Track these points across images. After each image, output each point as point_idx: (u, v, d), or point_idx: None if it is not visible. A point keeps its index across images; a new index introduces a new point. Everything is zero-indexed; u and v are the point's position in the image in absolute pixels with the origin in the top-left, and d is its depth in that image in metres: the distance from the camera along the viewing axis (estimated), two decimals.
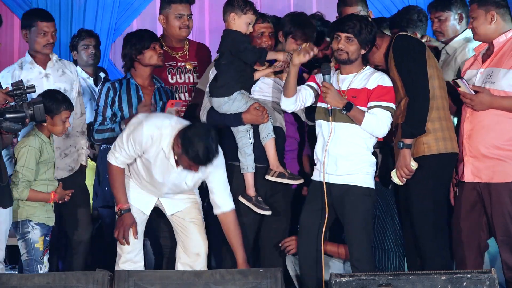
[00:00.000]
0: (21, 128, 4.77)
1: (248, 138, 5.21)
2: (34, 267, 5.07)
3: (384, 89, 5.02)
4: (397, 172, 5.08)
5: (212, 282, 4.56)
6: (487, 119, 5.05)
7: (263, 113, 5.16)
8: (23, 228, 5.11)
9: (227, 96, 5.19)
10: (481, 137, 5.06)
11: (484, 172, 5.07)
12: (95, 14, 7.60)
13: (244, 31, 5.22)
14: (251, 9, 5.23)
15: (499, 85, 5.03)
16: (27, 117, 4.71)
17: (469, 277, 4.44)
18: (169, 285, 4.56)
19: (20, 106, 4.72)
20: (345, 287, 4.43)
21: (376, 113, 4.98)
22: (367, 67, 5.13)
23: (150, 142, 4.91)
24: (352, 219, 5.01)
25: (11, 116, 4.69)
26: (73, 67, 5.80)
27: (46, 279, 4.57)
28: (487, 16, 5.08)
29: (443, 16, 5.69)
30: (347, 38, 5.00)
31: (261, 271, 4.62)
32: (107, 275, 4.56)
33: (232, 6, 5.24)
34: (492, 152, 5.04)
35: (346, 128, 5.02)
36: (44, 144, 5.13)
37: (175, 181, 5.06)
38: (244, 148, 5.21)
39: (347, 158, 5.02)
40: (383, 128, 5.01)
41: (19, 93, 4.71)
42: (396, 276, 4.46)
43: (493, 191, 5.04)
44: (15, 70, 5.60)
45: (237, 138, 5.24)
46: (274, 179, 5.21)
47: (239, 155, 5.24)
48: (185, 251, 5.19)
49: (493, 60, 5.09)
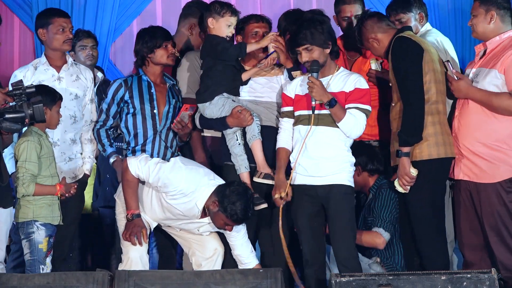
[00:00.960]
0: (20, 128, 4.77)
1: (236, 139, 5.24)
2: (36, 267, 5.06)
3: (362, 92, 5.07)
4: (399, 181, 5.09)
5: (212, 282, 4.55)
6: (475, 118, 5.06)
7: (246, 116, 5.17)
8: (28, 228, 5.08)
9: (209, 101, 5.22)
10: (468, 135, 5.08)
11: (472, 171, 5.08)
12: (95, 14, 7.59)
13: (225, 34, 5.26)
14: (228, 10, 5.27)
15: (482, 85, 5.05)
16: (27, 117, 4.71)
17: (469, 277, 4.44)
18: (169, 285, 4.55)
19: (19, 106, 4.72)
20: (345, 287, 4.43)
21: (354, 114, 5.01)
22: (341, 68, 5.20)
23: (178, 196, 5.05)
24: (337, 217, 5.04)
25: (11, 116, 4.69)
26: (88, 74, 5.72)
27: (46, 279, 4.57)
28: (486, 16, 5.08)
29: (404, 18, 5.70)
30: (305, 49, 5.06)
31: (261, 271, 4.62)
32: (107, 275, 4.56)
33: (209, 11, 5.30)
34: (479, 151, 5.05)
35: (326, 131, 5.06)
36: (42, 138, 5.11)
37: (189, 226, 5.17)
38: (233, 149, 5.24)
39: (329, 160, 5.05)
40: (359, 129, 5.06)
41: (18, 93, 4.70)
42: (396, 276, 4.46)
43: (481, 191, 5.06)
44: (28, 70, 5.56)
45: (227, 140, 5.28)
46: (260, 180, 5.23)
47: (231, 157, 5.27)
48: (201, 249, 5.25)
49: (483, 60, 5.12)
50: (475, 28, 5.13)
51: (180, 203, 5.04)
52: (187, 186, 5.01)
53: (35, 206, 5.07)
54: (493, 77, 5.01)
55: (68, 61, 5.64)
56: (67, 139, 5.52)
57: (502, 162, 5.03)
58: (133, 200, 5.16)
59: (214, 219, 5.03)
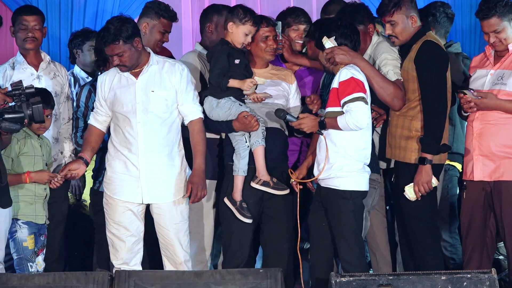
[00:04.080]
0: (19, 128, 4.76)
1: (244, 141, 5.23)
2: (25, 266, 5.06)
3: (344, 84, 4.96)
4: (416, 187, 5.07)
5: (212, 282, 4.56)
6: (497, 118, 5.08)
7: (252, 122, 5.15)
8: (11, 227, 5.10)
9: (217, 98, 5.21)
10: (492, 135, 5.09)
11: (494, 171, 5.08)
12: (95, 14, 7.58)
13: (241, 41, 5.23)
14: (251, 20, 5.24)
15: (510, 86, 5.05)
16: (26, 118, 4.70)
17: (469, 277, 4.44)
18: (169, 285, 4.56)
19: (19, 107, 4.72)
20: (345, 287, 4.43)
21: (347, 110, 4.93)
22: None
23: (102, 78, 5.18)
24: (333, 222, 5.03)
25: (10, 117, 4.69)
26: (64, 71, 5.77)
27: (46, 279, 4.57)
28: (511, 24, 5.07)
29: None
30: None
31: (261, 271, 4.62)
32: (107, 275, 4.56)
33: (231, 15, 5.26)
34: (502, 151, 5.07)
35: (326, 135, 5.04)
36: (28, 137, 5.13)
37: (142, 97, 5.12)
38: (240, 151, 5.22)
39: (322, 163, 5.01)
40: (360, 119, 4.91)
41: (17, 93, 4.70)
42: (396, 276, 4.46)
43: (503, 189, 5.06)
44: (6, 70, 5.57)
45: (233, 142, 5.27)
46: (258, 187, 5.23)
47: (234, 156, 5.26)
48: (170, 261, 5.22)
49: (504, 63, 5.11)
50: (503, 42, 5.10)
51: (112, 79, 5.20)
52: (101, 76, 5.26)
53: (15, 204, 5.08)
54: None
55: (45, 58, 5.65)
56: (49, 138, 5.53)
57: None
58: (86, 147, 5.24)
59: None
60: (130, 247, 5.16)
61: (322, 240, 5.11)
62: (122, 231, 5.16)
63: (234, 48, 5.23)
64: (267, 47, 5.35)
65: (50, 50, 7.18)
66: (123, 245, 5.15)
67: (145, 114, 5.13)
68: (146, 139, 5.13)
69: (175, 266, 5.17)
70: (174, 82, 5.17)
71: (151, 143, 5.13)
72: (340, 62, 5.01)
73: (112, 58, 5.07)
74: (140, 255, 5.21)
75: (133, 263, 5.17)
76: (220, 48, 5.22)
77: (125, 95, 5.15)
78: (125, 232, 5.16)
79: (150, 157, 5.14)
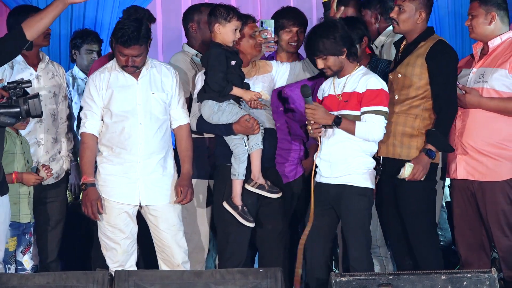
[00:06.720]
0: (15, 122, 4.69)
1: (244, 145, 5.21)
2: (3, 266, 5.01)
3: (374, 93, 5.00)
4: (415, 169, 5.03)
5: (212, 282, 4.56)
6: (479, 116, 5.07)
7: (253, 125, 5.15)
8: None
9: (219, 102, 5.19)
10: (473, 134, 5.09)
11: (477, 170, 5.08)
12: (95, 14, 7.58)
13: (231, 39, 5.20)
14: (235, 15, 5.21)
15: (490, 84, 5.06)
16: (22, 112, 4.66)
17: (469, 277, 4.44)
18: (169, 285, 4.56)
19: (15, 101, 4.69)
20: (345, 287, 4.43)
21: (368, 119, 4.98)
22: (360, 67, 5.15)
23: (97, 76, 5.17)
24: (348, 218, 5.03)
25: (5, 111, 4.66)
26: (62, 71, 5.76)
27: (46, 279, 4.57)
28: (487, 16, 5.07)
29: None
30: (321, 58, 5.06)
31: (261, 271, 4.62)
32: (107, 275, 4.57)
33: (215, 17, 5.22)
34: (484, 150, 5.06)
35: (338, 133, 5.04)
36: (8, 134, 5.12)
37: (143, 99, 5.13)
38: (240, 155, 5.20)
39: (340, 162, 5.04)
40: (377, 133, 5.01)
41: (13, 87, 4.67)
42: (396, 276, 4.46)
43: (487, 189, 5.06)
44: (5, 70, 5.53)
45: (231, 145, 5.23)
46: (253, 189, 5.21)
47: (233, 160, 5.22)
48: (166, 263, 5.23)
49: (486, 61, 5.12)
50: (474, 29, 5.12)
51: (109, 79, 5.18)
52: (94, 74, 5.24)
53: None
54: (503, 77, 5.03)
55: (44, 58, 5.65)
56: (49, 138, 5.54)
57: (508, 160, 5.05)
58: (88, 165, 5.16)
59: (117, 59, 5.16)
60: (126, 249, 5.18)
61: (320, 240, 5.12)
62: (118, 234, 5.16)
63: (227, 49, 5.21)
64: (256, 43, 5.32)
65: (50, 50, 7.17)
66: (118, 248, 5.16)
67: (146, 116, 5.14)
68: (147, 140, 5.15)
69: (172, 268, 5.17)
70: (170, 86, 5.23)
71: (151, 145, 5.16)
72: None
73: (126, 58, 5.07)
74: (134, 256, 5.23)
75: (128, 265, 5.19)
76: (216, 51, 5.18)
77: (125, 95, 5.15)
78: (120, 235, 5.16)
79: (149, 159, 5.16)
